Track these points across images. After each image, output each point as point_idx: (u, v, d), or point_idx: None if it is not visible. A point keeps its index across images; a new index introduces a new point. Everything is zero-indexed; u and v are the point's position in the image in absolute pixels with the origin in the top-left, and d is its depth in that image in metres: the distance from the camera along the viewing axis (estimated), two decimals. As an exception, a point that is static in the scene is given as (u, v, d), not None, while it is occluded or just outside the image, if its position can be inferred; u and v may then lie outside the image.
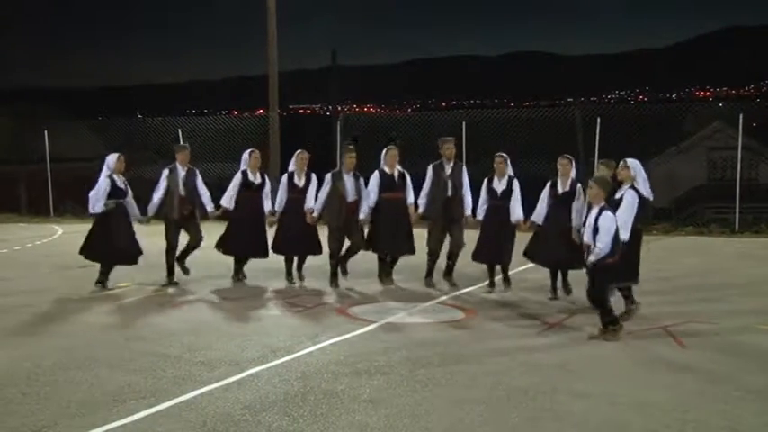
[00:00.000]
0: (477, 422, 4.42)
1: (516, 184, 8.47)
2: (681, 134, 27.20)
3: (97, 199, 8.76)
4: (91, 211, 8.89)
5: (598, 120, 16.42)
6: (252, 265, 9.41)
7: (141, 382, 5.23)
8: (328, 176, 8.89)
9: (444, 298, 8.36)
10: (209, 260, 9.59)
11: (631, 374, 5.38)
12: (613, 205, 6.69)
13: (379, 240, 8.85)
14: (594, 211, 6.35)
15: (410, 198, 8.91)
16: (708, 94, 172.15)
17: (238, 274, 9.29)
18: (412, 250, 8.86)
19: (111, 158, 9.01)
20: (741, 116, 16.04)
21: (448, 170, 8.75)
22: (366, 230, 9.03)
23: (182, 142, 19.44)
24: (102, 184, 8.81)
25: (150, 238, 9.41)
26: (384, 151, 8.94)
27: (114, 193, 8.85)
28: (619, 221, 6.46)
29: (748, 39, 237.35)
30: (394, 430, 4.32)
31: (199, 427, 4.37)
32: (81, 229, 17.24)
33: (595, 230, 6.26)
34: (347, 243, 8.95)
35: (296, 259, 9.22)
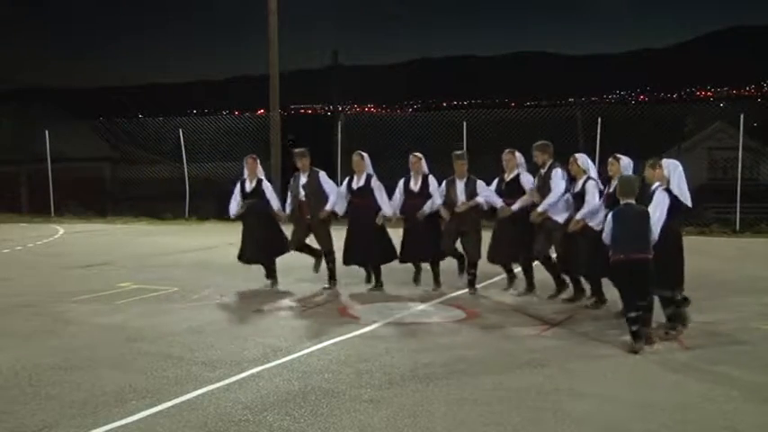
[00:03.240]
0: (478, 422, 4.42)
1: (591, 184, 7.56)
2: (682, 134, 27.19)
3: (231, 204, 9.13)
4: (231, 216, 9.23)
5: (599, 120, 16.44)
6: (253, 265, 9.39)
7: (142, 382, 5.24)
8: (444, 183, 8.67)
9: (445, 298, 8.36)
10: (209, 261, 9.59)
11: (631, 374, 5.38)
12: (645, 205, 6.38)
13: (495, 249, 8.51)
14: None
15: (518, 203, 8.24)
16: (709, 94, 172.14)
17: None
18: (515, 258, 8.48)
19: (244, 162, 9.23)
20: (742, 116, 16.06)
21: (541, 174, 8.25)
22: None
23: (182, 142, 19.54)
24: (234, 189, 9.19)
25: (149, 237, 9.40)
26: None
27: (243, 196, 9.05)
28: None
29: (749, 39, 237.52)
30: (395, 430, 4.32)
31: (200, 428, 4.37)
32: (82, 229, 17.31)
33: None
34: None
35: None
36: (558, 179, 7.88)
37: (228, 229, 9.42)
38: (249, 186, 9.06)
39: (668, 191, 6.46)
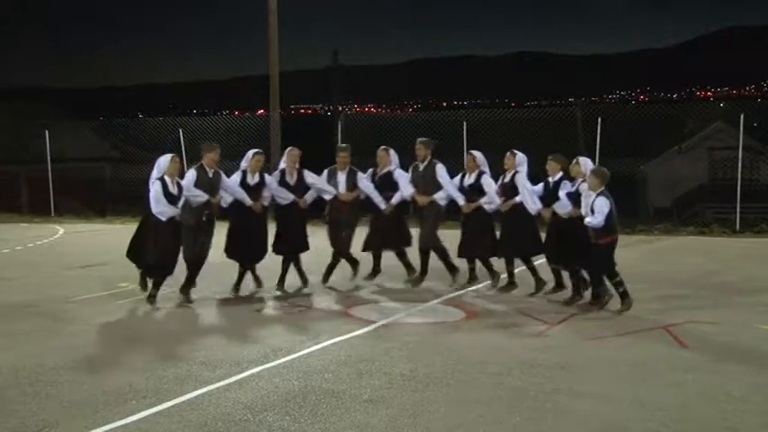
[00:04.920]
0: (478, 422, 4.42)
1: (485, 177, 8.66)
2: (682, 134, 27.20)
3: (158, 205, 7.78)
4: (162, 219, 7.83)
5: (599, 120, 16.42)
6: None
7: (142, 382, 5.24)
8: (325, 173, 9.08)
9: (445, 298, 8.36)
10: (209, 261, 9.57)
11: (631, 374, 5.38)
12: (574, 198, 7.71)
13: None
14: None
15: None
16: (709, 93, 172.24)
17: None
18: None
19: (164, 159, 7.95)
20: (742, 116, 16.04)
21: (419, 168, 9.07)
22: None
23: (182, 142, 19.54)
24: (155, 189, 7.80)
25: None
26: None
27: (170, 200, 7.84)
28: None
29: (749, 39, 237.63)
30: (395, 430, 4.32)
31: (200, 427, 4.37)
32: (82, 229, 17.31)
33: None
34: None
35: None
36: (445, 172, 8.86)
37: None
38: (172, 188, 7.90)
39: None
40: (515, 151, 8.55)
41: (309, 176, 8.87)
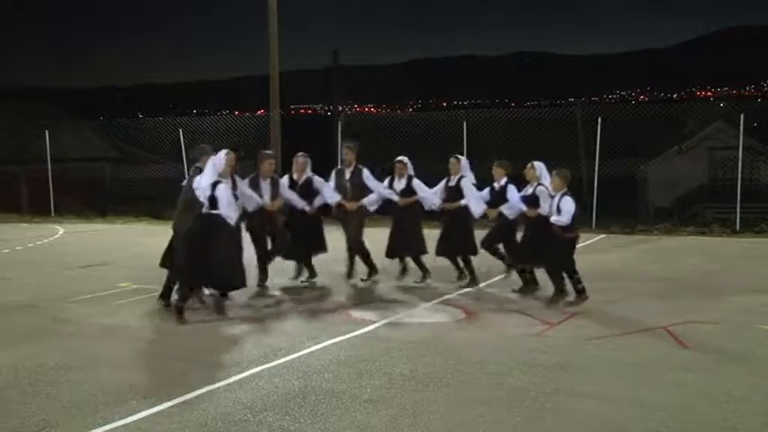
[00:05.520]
0: (478, 422, 4.42)
1: (416, 181, 9.00)
2: (682, 134, 27.19)
3: (230, 208, 7.27)
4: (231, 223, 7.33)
5: (599, 120, 16.42)
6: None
7: (142, 382, 5.24)
8: (247, 180, 8.70)
9: (445, 298, 8.36)
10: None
11: (631, 374, 5.38)
12: (529, 200, 8.08)
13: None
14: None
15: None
16: (709, 94, 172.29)
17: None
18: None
19: (220, 160, 7.40)
20: (742, 116, 16.04)
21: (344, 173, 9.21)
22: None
23: (182, 142, 19.54)
24: (221, 191, 7.23)
25: (149, 237, 9.39)
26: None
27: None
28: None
29: (749, 39, 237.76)
30: (395, 430, 4.32)
31: (200, 427, 4.37)
32: (82, 229, 17.32)
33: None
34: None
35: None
36: (371, 175, 9.08)
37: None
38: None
39: (545, 187, 8.01)
40: (459, 156, 9.02)
41: (239, 182, 8.36)
